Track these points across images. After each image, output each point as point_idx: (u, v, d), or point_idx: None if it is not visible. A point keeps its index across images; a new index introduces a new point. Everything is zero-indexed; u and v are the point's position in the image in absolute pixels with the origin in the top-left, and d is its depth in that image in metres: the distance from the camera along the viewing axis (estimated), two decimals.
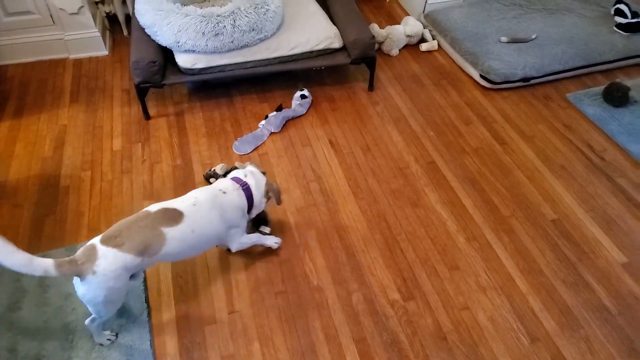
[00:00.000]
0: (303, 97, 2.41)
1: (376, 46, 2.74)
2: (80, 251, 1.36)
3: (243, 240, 1.68)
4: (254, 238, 1.74)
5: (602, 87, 2.52)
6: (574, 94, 2.54)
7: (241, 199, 1.61)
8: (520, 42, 2.66)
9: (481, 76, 2.54)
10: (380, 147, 2.24)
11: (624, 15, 2.78)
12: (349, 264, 1.79)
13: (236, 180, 1.64)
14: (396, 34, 2.72)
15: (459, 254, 1.83)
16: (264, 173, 1.73)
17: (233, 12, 2.17)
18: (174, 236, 1.45)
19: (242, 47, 2.26)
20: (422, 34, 2.81)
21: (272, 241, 1.78)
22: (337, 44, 2.37)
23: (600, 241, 1.88)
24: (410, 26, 2.76)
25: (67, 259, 1.32)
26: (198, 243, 1.53)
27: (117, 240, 1.37)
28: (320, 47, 2.35)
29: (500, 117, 2.42)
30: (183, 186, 2.05)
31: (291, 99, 2.44)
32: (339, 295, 1.70)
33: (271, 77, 2.58)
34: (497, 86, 2.53)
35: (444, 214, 1.96)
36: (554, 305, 1.68)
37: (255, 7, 2.20)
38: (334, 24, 2.44)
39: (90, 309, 1.42)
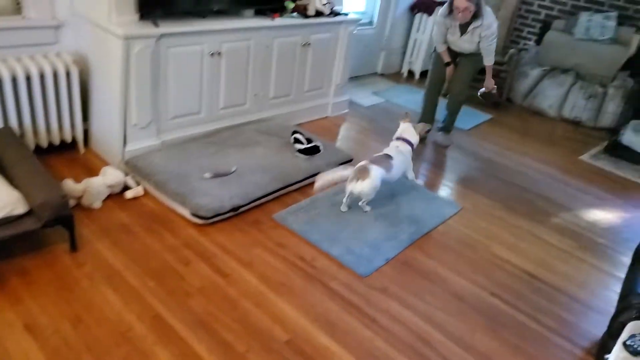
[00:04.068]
0: None
1: (74, 202, 2.54)
2: (358, 167, 2.83)
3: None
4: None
5: (300, 203, 2.88)
6: (279, 214, 2.81)
7: (405, 147, 3.11)
8: (223, 176, 2.85)
9: (192, 214, 2.59)
10: (95, 314, 1.98)
11: (301, 142, 3.31)
12: None
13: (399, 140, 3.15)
14: (95, 186, 2.58)
15: None
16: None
17: None
18: (393, 163, 2.94)
19: None
20: (125, 182, 2.74)
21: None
22: (21, 209, 2.08)
23: (329, 347, 2.01)
24: (110, 176, 2.67)
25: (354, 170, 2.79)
26: (399, 169, 3.02)
27: (376, 163, 2.85)
28: (0, 216, 2.02)
29: (218, 250, 2.47)
30: None
31: None
32: None
33: None
34: (209, 221, 2.61)
35: None
36: None
37: None
38: (15, 187, 2.16)
39: (363, 195, 2.83)
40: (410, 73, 5.57)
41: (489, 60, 3.70)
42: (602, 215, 3.35)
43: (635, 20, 4.85)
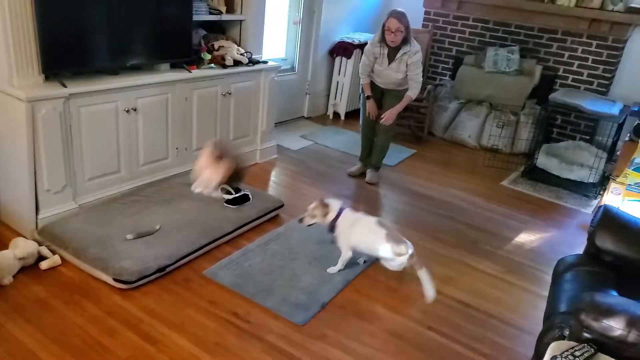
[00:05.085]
0: None
1: None
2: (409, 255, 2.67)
3: None
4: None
5: (231, 256, 2.80)
6: (209, 270, 2.71)
7: None
8: (146, 235, 2.73)
9: (115, 279, 2.45)
10: None
11: (230, 192, 3.25)
12: None
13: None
14: (4, 261, 2.38)
15: None
16: None
17: None
18: None
19: None
20: (39, 252, 2.56)
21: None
22: None
23: None
24: (21, 247, 2.48)
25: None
26: None
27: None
28: None
29: (145, 315, 2.33)
30: None
31: None
32: None
33: None
34: (134, 285, 2.47)
35: None
36: None
37: None
38: None
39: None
40: (336, 114, 5.69)
41: (413, 93, 3.79)
42: (526, 238, 3.51)
43: (535, 52, 5.28)
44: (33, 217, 2.73)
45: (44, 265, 2.55)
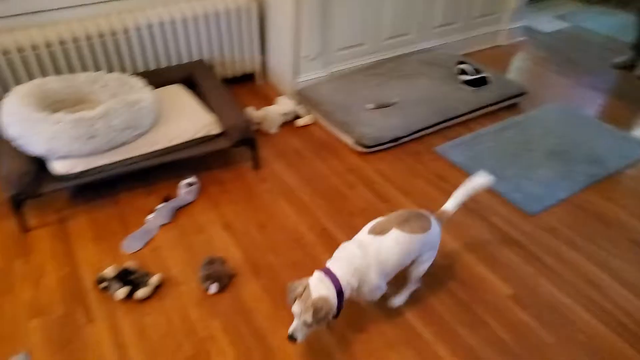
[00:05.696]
0: (190, 184, 2.40)
1: (255, 127, 2.86)
2: None
3: None
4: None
5: (463, 137, 2.83)
6: (440, 147, 2.81)
7: None
8: (385, 107, 2.92)
9: (356, 142, 2.73)
10: (275, 223, 2.28)
11: (468, 73, 3.18)
12: (258, 349, 1.74)
13: None
14: (272, 114, 2.87)
15: (363, 311, 1.87)
16: None
17: (106, 113, 2.15)
18: None
19: (120, 146, 2.23)
20: (297, 111, 2.98)
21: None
22: (216, 130, 2.43)
23: (487, 278, 2.04)
24: (284, 105, 2.93)
25: None
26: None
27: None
28: (200, 135, 2.39)
29: (379, 177, 2.59)
30: (72, 296, 1.90)
31: (178, 187, 2.42)
32: None
33: (155, 169, 2.54)
34: (371, 149, 2.73)
35: None
36: (459, 348, 1.76)
37: (128, 105, 2.20)
38: (211, 111, 2.51)
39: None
40: None
41: None
42: None
43: None
44: (293, 80, 3.14)
45: (299, 122, 2.98)
